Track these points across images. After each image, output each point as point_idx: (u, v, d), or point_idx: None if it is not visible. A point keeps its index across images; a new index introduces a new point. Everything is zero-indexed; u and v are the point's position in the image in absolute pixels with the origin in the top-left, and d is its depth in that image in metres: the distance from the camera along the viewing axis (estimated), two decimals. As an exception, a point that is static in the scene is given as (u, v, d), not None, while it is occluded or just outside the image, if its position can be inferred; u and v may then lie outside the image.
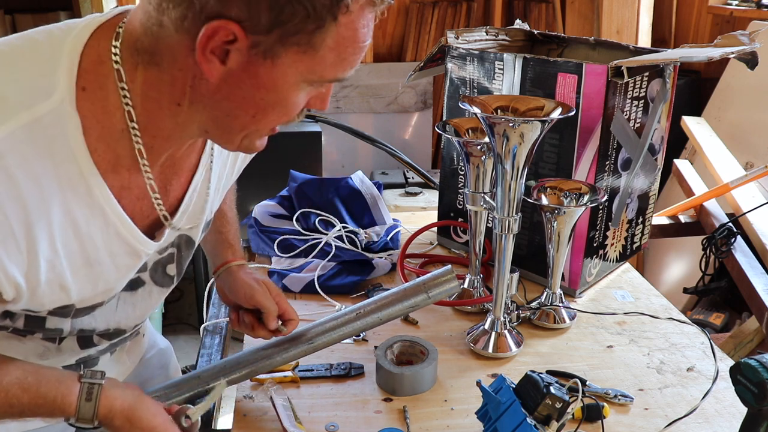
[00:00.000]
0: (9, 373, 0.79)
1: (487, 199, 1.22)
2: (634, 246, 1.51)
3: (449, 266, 1.10)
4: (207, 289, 1.45)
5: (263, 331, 1.04)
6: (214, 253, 1.14)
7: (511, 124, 1.05)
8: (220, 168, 0.95)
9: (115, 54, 0.72)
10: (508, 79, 1.35)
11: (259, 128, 0.77)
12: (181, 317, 3.13)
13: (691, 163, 2.42)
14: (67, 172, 0.71)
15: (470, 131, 1.27)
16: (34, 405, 0.79)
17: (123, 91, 0.73)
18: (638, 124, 1.34)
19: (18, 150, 0.67)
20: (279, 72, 0.70)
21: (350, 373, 1.11)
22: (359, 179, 1.67)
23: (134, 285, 0.91)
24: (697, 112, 2.90)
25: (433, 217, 1.64)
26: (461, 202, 1.53)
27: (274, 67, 0.70)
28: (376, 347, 1.15)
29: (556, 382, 0.88)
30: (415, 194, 2.29)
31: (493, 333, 1.17)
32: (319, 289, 1.35)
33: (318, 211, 1.57)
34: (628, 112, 1.30)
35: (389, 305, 1.04)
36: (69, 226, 0.74)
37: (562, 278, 1.35)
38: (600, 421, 0.99)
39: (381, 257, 1.46)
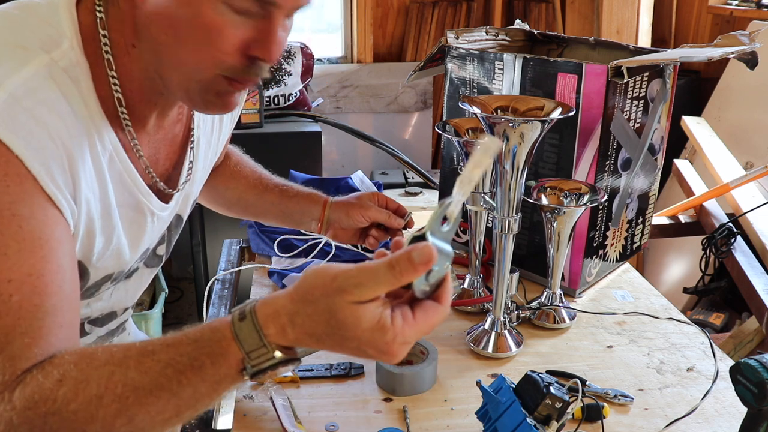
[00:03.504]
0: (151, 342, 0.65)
1: (487, 199, 1.22)
2: (634, 246, 1.51)
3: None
4: (207, 289, 1.45)
5: (396, 233, 1.16)
6: (299, 212, 1.17)
7: (511, 124, 1.05)
8: (204, 147, 0.96)
9: (98, 4, 0.75)
10: (508, 79, 1.35)
11: (195, 63, 0.72)
12: (181, 317, 3.13)
13: (691, 163, 2.42)
14: (84, 114, 0.73)
15: (470, 131, 1.27)
16: (187, 356, 0.62)
17: (104, 39, 0.74)
18: (638, 124, 1.34)
19: (48, 86, 0.69)
20: None
21: (350, 373, 1.11)
22: (359, 179, 1.67)
23: (129, 271, 0.92)
24: (697, 112, 2.90)
25: (433, 217, 1.64)
26: (461, 202, 1.53)
27: None
28: (376, 347, 1.15)
29: (556, 382, 0.88)
30: (415, 194, 2.29)
31: (493, 333, 1.17)
32: (319, 289, 1.35)
33: (318, 211, 1.57)
34: (628, 112, 1.30)
35: None
36: (95, 166, 0.75)
37: (562, 278, 1.35)
38: (600, 421, 0.99)
39: (381, 257, 1.46)
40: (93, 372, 0.62)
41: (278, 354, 0.63)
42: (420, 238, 0.62)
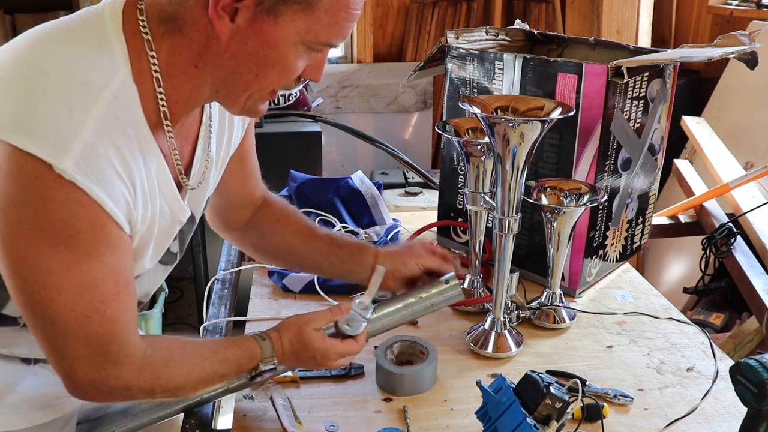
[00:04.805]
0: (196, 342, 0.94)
1: (487, 199, 1.22)
2: (634, 246, 1.51)
3: (452, 273, 1.09)
4: (207, 289, 1.45)
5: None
6: (350, 261, 1.15)
7: (511, 124, 1.05)
8: (216, 143, 0.99)
9: (143, 26, 0.79)
10: (508, 79, 1.35)
11: (261, 87, 0.84)
12: (181, 317, 3.13)
13: (691, 163, 2.42)
14: (137, 137, 0.80)
15: (470, 131, 1.27)
16: (227, 355, 0.93)
17: (153, 59, 0.80)
18: (638, 124, 1.34)
19: (113, 124, 0.76)
20: (281, 29, 0.78)
21: (350, 373, 1.11)
22: (359, 179, 1.66)
23: None
24: (697, 112, 2.89)
25: (433, 217, 1.64)
26: (461, 202, 1.53)
27: (276, 24, 0.78)
28: (376, 347, 1.15)
29: (556, 382, 0.88)
30: (415, 194, 2.30)
31: (493, 333, 1.17)
32: (318, 289, 1.35)
33: (318, 211, 1.57)
34: (628, 112, 1.30)
35: (391, 315, 1.05)
36: (148, 184, 0.83)
37: (562, 278, 1.35)
38: (600, 421, 0.99)
39: (381, 257, 1.46)
40: (185, 359, 0.90)
41: (275, 363, 0.96)
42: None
